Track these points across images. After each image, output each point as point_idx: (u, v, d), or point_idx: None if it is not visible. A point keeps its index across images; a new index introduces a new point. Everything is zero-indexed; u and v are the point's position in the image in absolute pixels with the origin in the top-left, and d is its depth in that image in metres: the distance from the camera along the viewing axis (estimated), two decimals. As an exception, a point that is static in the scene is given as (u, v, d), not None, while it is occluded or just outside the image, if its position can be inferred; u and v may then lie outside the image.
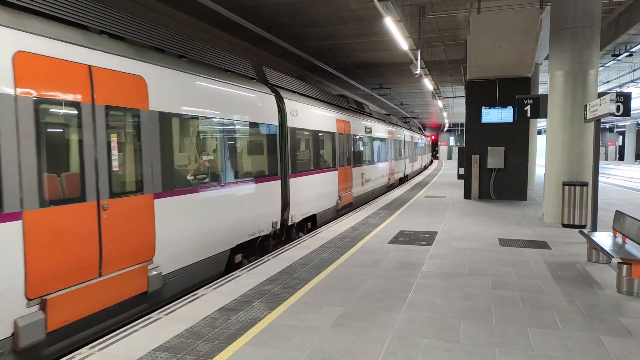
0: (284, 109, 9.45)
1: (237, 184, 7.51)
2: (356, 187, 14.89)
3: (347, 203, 13.77)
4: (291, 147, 9.67)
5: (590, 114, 7.66)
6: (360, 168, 15.44)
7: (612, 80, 29.73)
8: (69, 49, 4.49)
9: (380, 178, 18.77)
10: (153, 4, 12.13)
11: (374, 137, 17.76)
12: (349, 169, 14.00)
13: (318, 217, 11.40)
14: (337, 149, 12.86)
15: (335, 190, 12.63)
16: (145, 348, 4.09)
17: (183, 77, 6.27)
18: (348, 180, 13.85)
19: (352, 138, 14.40)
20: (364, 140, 16.09)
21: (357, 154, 15.15)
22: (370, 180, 16.93)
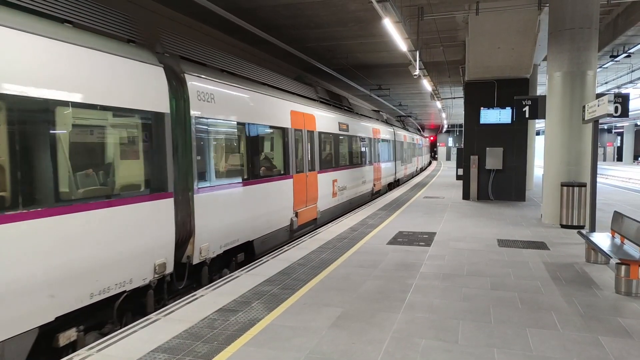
0: (186, 91, 6.40)
1: (59, 211, 4.33)
2: (324, 199, 12.05)
3: (310, 220, 10.94)
4: (201, 148, 6.61)
5: (589, 114, 7.67)
6: (331, 174, 12.60)
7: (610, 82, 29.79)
8: None
9: (361, 185, 16.03)
10: (152, 4, 12.13)
11: (353, 136, 15.04)
12: (312, 175, 11.12)
13: (257, 244, 8.38)
14: (292, 150, 9.89)
15: (290, 205, 9.74)
16: (144, 349, 4.09)
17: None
18: (311, 190, 11.01)
19: (318, 136, 11.61)
20: (338, 140, 13.41)
21: (328, 157, 12.57)
22: (347, 189, 14.15)
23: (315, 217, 11.26)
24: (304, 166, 10.67)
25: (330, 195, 12.53)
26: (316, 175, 11.41)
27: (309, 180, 10.88)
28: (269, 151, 9.24)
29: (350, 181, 14.63)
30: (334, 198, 12.93)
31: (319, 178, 11.64)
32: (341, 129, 13.82)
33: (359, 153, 15.90)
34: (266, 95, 8.98)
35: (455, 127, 70.19)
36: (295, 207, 10.02)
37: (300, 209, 10.32)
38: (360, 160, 16.02)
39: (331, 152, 12.90)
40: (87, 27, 5.15)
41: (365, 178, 16.58)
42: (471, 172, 15.41)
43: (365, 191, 16.60)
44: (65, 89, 4.47)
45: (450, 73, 24.69)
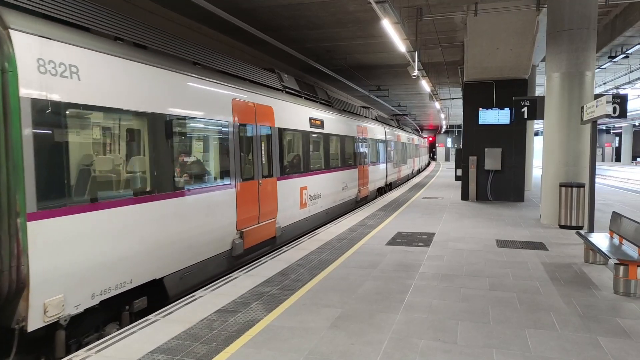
0: (11, 56, 4.10)
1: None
2: (288, 211, 9.67)
3: (264, 239, 8.55)
4: (45, 147, 4.37)
5: (587, 115, 7.69)
6: (298, 180, 10.27)
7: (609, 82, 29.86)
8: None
9: (342, 191, 13.73)
10: (150, 5, 12.13)
11: (331, 135, 12.83)
12: (268, 183, 8.71)
13: (171, 282, 6.05)
14: (236, 152, 7.61)
15: (230, 223, 7.38)
16: (143, 350, 4.08)
17: None
18: (267, 202, 8.62)
19: (279, 134, 9.28)
20: (309, 138, 11.07)
21: (295, 159, 10.34)
22: (322, 197, 11.96)
23: (272, 235, 8.85)
24: (256, 171, 8.25)
25: (296, 206, 10.11)
26: (275, 182, 8.98)
27: (263, 190, 8.48)
28: (199, 153, 6.98)
29: (327, 188, 12.29)
30: (303, 209, 10.55)
31: (280, 186, 9.23)
32: (314, 125, 11.39)
33: (339, 154, 13.59)
34: (190, 76, 6.57)
35: (454, 128, 70.29)
36: (241, 225, 7.63)
37: (249, 227, 7.88)
38: (341, 162, 13.71)
39: (299, 154, 10.48)
40: None
41: (347, 183, 14.24)
42: (470, 172, 15.43)
43: (347, 198, 14.28)
44: None
45: (449, 74, 24.73)
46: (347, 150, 14.38)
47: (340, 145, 13.67)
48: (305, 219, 10.77)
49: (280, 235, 9.33)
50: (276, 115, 9.21)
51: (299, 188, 10.29)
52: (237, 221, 7.56)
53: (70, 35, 4.78)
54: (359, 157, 15.79)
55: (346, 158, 14.25)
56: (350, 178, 14.61)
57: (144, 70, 5.71)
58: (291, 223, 9.91)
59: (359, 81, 26.64)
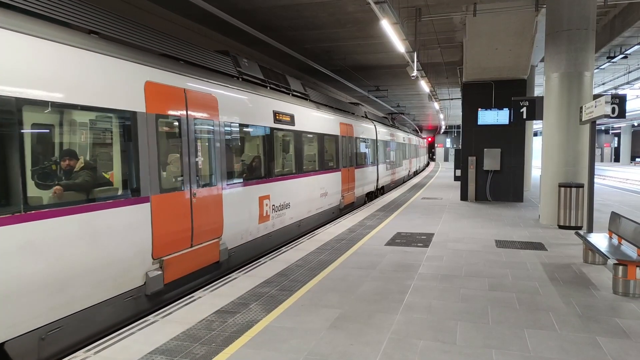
0: None
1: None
2: (240, 228, 7.81)
3: (201, 267, 6.67)
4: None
5: (586, 115, 7.69)
6: (256, 188, 8.38)
7: (607, 82, 29.90)
8: None
9: (319, 199, 11.80)
10: (149, 5, 12.13)
11: (304, 132, 10.83)
12: (207, 193, 6.85)
13: (25, 344, 4.14)
14: (148, 153, 5.66)
15: (143, 251, 5.54)
16: (142, 351, 4.08)
17: None
18: (204, 218, 6.73)
19: (224, 130, 7.37)
20: (274, 136, 9.19)
21: (254, 161, 8.62)
22: (292, 207, 9.96)
23: (215, 259, 6.98)
24: (187, 179, 6.36)
25: (253, 220, 8.24)
26: (220, 192, 7.12)
27: (199, 203, 6.57)
28: (84, 154, 5.07)
29: (299, 195, 10.36)
30: (264, 223, 8.67)
31: (228, 197, 7.34)
32: (280, 121, 9.47)
33: (317, 155, 11.71)
34: (66, 45, 4.67)
35: (453, 128, 70.34)
36: (160, 252, 5.76)
37: (174, 253, 6.03)
38: (319, 165, 11.80)
39: (259, 156, 8.72)
40: None
41: (327, 189, 12.33)
42: (469, 173, 15.44)
43: (327, 206, 12.40)
44: None
45: (448, 74, 24.75)
46: (327, 151, 12.50)
47: (318, 145, 11.78)
48: (268, 235, 8.82)
49: (228, 259, 7.37)
50: (222, 107, 7.24)
51: (257, 198, 8.36)
52: (152, 247, 5.62)
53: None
54: (343, 159, 13.91)
55: (326, 160, 12.36)
56: (331, 183, 12.66)
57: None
58: (245, 242, 7.95)
59: (358, 82, 26.65)
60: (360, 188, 15.95)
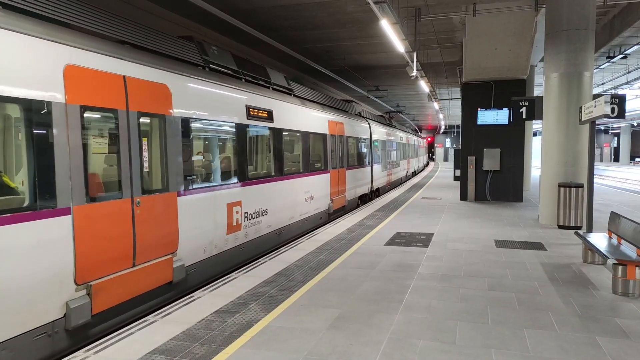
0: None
1: None
2: (202, 240, 6.75)
3: (146, 290, 5.62)
4: None
5: (585, 115, 7.70)
6: (222, 193, 7.27)
7: (607, 82, 29.93)
8: None
9: (303, 204, 10.66)
10: (149, 5, 12.13)
11: (285, 130, 9.72)
12: (160, 200, 5.89)
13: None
14: (69, 154, 4.62)
15: (61, 275, 4.48)
16: (141, 351, 4.08)
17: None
18: (155, 231, 5.76)
19: (182, 127, 6.36)
20: (245, 134, 8.05)
21: (223, 162, 7.51)
22: (269, 213, 8.89)
23: (167, 279, 5.88)
24: (128, 185, 5.32)
25: (220, 229, 7.15)
26: (174, 199, 6.08)
27: (145, 213, 5.54)
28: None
29: (279, 200, 9.32)
30: (234, 234, 7.58)
31: (185, 204, 6.29)
32: (254, 117, 8.40)
33: (301, 156, 10.67)
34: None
35: (452, 128, 70.37)
36: (86, 276, 4.73)
37: (107, 276, 4.97)
38: (304, 166, 10.74)
39: (228, 156, 7.65)
40: None
41: (313, 192, 11.27)
42: (468, 173, 15.45)
43: (314, 212, 11.37)
44: None
45: (447, 74, 24.76)
46: (314, 151, 11.46)
47: (302, 145, 10.72)
48: (239, 247, 7.74)
49: (186, 278, 6.33)
50: (178, 99, 6.23)
51: (224, 205, 7.27)
52: (75, 270, 4.58)
53: None
54: (333, 160, 12.81)
55: (312, 161, 11.28)
56: (318, 186, 11.60)
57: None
58: (209, 256, 6.88)
59: (357, 82, 26.66)
60: (353, 190, 14.94)
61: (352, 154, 14.91)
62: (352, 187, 14.86)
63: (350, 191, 14.65)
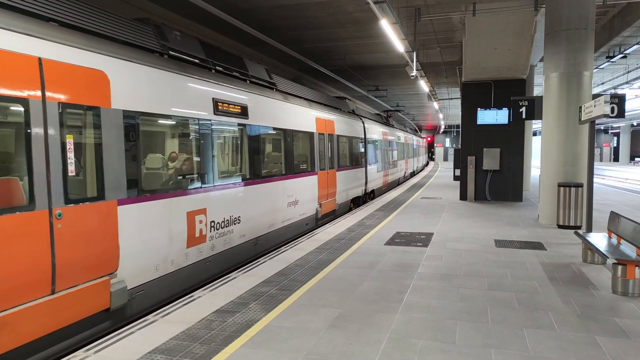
0: None
1: None
2: (148, 256, 5.66)
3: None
4: None
5: (585, 115, 7.70)
6: (173, 201, 6.11)
7: (607, 82, 29.95)
8: None
9: (285, 210, 9.65)
10: (149, 5, 12.13)
11: (260, 127, 8.61)
12: (93, 210, 4.84)
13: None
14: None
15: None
16: (141, 351, 4.08)
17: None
18: (85, 247, 4.69)
19: (123, 121, 5.31)
20: (208, 132, 6.97)
21: (184, 165, 6.48)
22: (243, 221, 7.87)
23: (104, 306, 4.90)
24: (40, 192, 4.25)
25: (178, 243, 6.14)
26: (114, 209, 5.06)
27: (68, 226, 4.52)
28: None
29: (254, 206, 8.29)
30: (197, 247, 6.55)
31: (126, 215, 5.26)
32: (224, 112, 7.37)
33: (284, 156, 9.74)
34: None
35: (452, 128, 70.38)
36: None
37: (14, 308, 3.99)
38: (286, 167, 9.78)
39: (190, 157, 6.58)
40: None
41: (298, 196, 10.28)
42: (468, 172, 15.45)
43: (299, 217, 10.41)
44: None
45: (447, 74, 24.76)
46: (298, 151, 10.55)
47: (285, 144, 9.76)
48: (204, 261, 6.72)
49: (130, 303, 5.32)
50: (119, 89, 5.23)
51: (184, 213, 6.26)
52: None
53: None
54: (321, 160, 11.89)
55: (296, 161, 10.33)
56: (303, 189, 10.62)
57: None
58: (163, 275, 5.86)
59: (357, 81, 26.66)
60: (344, 193, 13.98)
61: (343, 154, 14.03)
62: (344, 190, 13.98)
63: (342, 194, 13.73)
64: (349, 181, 14.47)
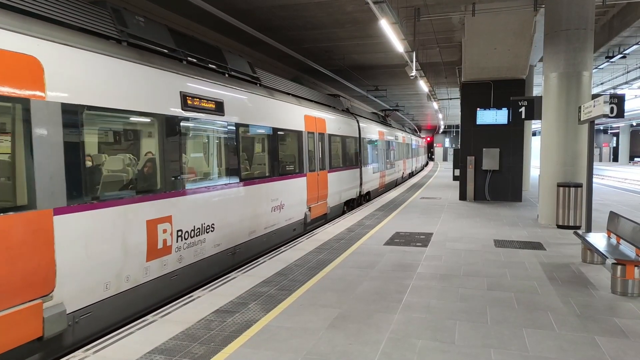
0: None
1: None
2: (95, 273, 4.80)
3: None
4: None
5: (584, 115, 7.71)
6: (130, 208, 5.31)
7: (606, 82, 29.97)
8: None
9: (270, 214, 8.89)
10: (149, 6, 12.12)
11: (239, 125, 7.83)
12: (21, 222, 3.99)
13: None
14: None
15: None
16: (141, 351, 4.08)
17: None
18: (26, 266, 4.01)
19: (61, 118, 4.46)
20: (174, 130, 6.17)
21: (147, 168, 5.87)
22: (217, 229, 7.05)
23: (35, 334, 4.14)
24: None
25: (135, 256, 5.37)
26: (48, 219, 4.28)
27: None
28: None
29: (230, 213, 7.45)
30: (160, 259, 5.77)
31: (65, 225, 4.47)
32: (195, 107, 6.58)
33: (267, 157, 9.01)
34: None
35: (452, 128, 70.40)
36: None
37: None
38: (270, 169, 9.03)
39: (153, 158, 5.86)
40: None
41: (282, 200, 9.46)
42: (468, 172, 15.46)
43: (283, 223, 9.57)
44: None
45: (446, 74, 24.77)
46: (285, 151, 9.86)
47: (269, 143, 9.05)
48: (168, 276, 5.93)
49: (70, 329, 4.53)
50: (56, 78, 4.42)
51: (143, 222, 5.47)
52: None
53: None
54: (311, 161, 11.17)
55: (282, 162, 9.60)
56: (290, 191, 9.89)
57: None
58: (114, 295, 5.07)
59: (357, 81, 26.67)
60: (337, 196, 13.18)
61: (336, 154, 13.23)
62: (337, 192, 13.20)
63: (334, 196, 12.94)
64: (342, 183, 13.75)
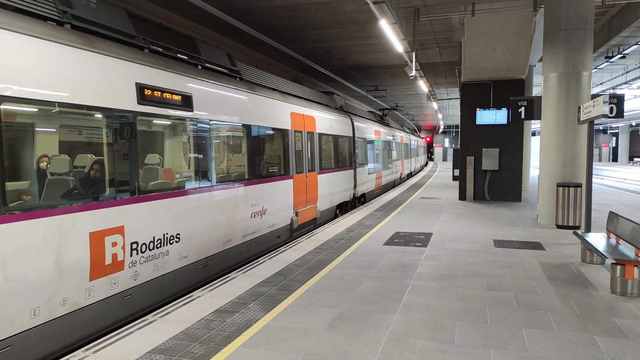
0: None
1: None
2: (29, 294, 4.05)
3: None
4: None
5: (584, 115, 7.71)
6: (66, 218, 4.44)
7: (606, 82, 30.00)
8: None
9: (249, 220, 8.11)
10: (149, 6, 12.12)
11: (212, 123, 7.07)
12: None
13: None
14: None
15: None
16: (141, 350, 4.08)
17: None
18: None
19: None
20: (130, 128, 5.39)
21: (93, 170, 4.89)
22: (184, 239, 6.28)
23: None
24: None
25: (75, 276, 4.56)
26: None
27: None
28: None
29: (200, 220, 6.65)
30: (109, 277, 4.99)
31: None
32: (152, 100, 5.75)
33: (247, 157, 8.19)
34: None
35: (451, 128, 70.44)
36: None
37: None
38: (250, 171, 8.22)
39: (101, 159, 5.00)
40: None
41: (264, 204, 8.65)
42: (467, 172, 15.47)
43: (265, 230, 8.77)
44: None
45: (446, 74, 24.78)
46: (268, 151, 9.02)
47: (247, 142, 8.18)
48: (120, 295, 5.18)
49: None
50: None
51: (85, 234, 4.67)
52: None
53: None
54: (298, 162, 10.32)
55: (264, 163, 8.82)
56: (273, 195, 9.07)
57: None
58: (46, 322, 4.27)
59: (357, 81, 26.68)
60: (328, 199, 12.32)
61: (327, 154, 12.41)
62: (328, 195, 12.33)
63: (325, 199, 12.04)
64: (334, 185, 12.85)
